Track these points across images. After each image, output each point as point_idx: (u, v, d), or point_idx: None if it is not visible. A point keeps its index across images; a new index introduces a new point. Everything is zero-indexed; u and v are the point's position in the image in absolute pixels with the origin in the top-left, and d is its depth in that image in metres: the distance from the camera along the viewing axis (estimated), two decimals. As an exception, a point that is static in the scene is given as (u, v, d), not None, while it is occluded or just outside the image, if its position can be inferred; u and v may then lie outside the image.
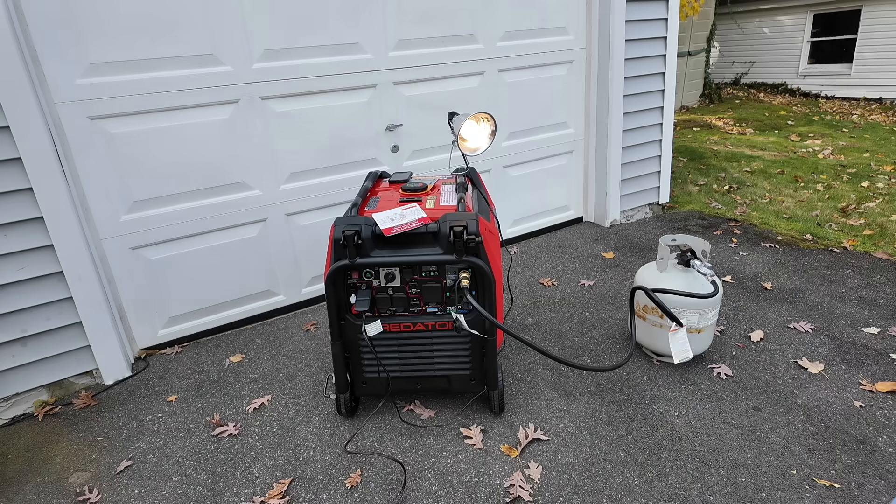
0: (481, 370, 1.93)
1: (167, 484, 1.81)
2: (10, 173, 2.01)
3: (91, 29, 2.13)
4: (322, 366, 2.41)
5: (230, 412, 2.14)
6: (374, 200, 2.01)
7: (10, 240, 2.06)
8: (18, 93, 1.97)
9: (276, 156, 2.65)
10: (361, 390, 1.99)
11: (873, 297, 2.67)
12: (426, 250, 1.77)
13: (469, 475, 1.76)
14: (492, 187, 3.39)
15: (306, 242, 2.86)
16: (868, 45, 9.24)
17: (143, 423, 2.11)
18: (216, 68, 2.41)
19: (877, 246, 3.25)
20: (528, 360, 2.34)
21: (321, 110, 2.71)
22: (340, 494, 1.71)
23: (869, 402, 1.96)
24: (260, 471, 1.83)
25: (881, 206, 3.96)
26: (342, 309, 1.84)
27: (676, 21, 3.57)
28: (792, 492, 1.61)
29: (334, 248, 1.74)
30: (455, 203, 1.94)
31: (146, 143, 2.34)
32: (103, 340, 2.33)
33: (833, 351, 2.27)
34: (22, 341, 2.19)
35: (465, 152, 2.33)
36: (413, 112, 2.97)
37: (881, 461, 1.70)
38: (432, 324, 1.85)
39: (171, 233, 2.49)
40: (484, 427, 1.96)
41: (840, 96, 9.68)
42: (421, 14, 2.84)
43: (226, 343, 2.66)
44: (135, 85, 2.26)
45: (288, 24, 2.51)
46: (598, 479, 1.71)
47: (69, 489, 1.82)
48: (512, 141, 3.41)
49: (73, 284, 2.20)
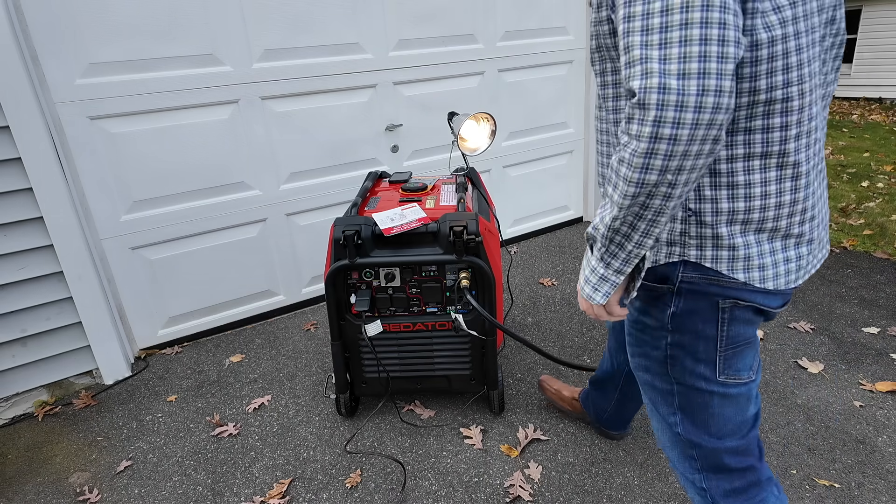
0: (481, 370, 1.93)
1: (167, 484, 1.81)
2: (10, 173, 2.01)
3: (91, 29, 2.13)
4: (322, 366, 2.41)
5: (230, 412, 2.14)
6: (374, 200, 2.01)
7: (10, 240, 2.06)
8: (18, 93, 1.97)
9: (276, 156, 2.65)
10: (361, 390, 1.99)
11: (873, 296, 2.67)
12: (426, 250, 1.77)
13: (469, 475, 1.76)
14: (492, 187, 3.40)
15: (306, 242, 2.86)
16: (868, 45, 9.25)
17: (142, 423, 2.11)
18: (216, 68, 2.41)
19: (877, 246, 3.25)
20: (528, 360, 2.34)
21: (321, 110, 2.71)
22: (340, 494, 1.71)
23: (869, 402, 1.96)
24: (260, 471, 1.83)
25: (881, 205, 3.96)
26: (342, 309, 1.84)
27: (676, 21, 3.57)
28: (792, 491, 1.61)
29: (334, 248, 1.74)
30: (455, 203, 1.94)
31: (146, 144, 2.34)
32: (103, 340, 2.33)
33: (833, 351, 2.27)
34: (22, 341, 2.19)
35: (465, 152, 2.33)
36: (413, 112, 2.97)
37: (881, 461, 1.70)
38: (432, 324, 1.85)
39: (170, 233, 2.49)
40: (484, 427, 1.96)
41: (840, 96, 9.69)
42: (421, 14, 2.84)
43: (226, 343, 2.66)
44: (135, 85, 2.26)
45: (288, 24, 2.51)
46: (598, 479, 1.71)
47: (69, 489, 1.82)
48: (512, 141, 3.41)
49: (73, 284, 2.20)
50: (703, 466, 1.09)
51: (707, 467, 1.08)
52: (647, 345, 1.06)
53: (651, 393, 1.11)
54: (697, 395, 1.03)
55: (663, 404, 1.09)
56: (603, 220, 0.86)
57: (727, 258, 0.91)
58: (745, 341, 0.99)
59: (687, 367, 1.01)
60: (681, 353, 1.01)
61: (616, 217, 0.83)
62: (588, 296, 0.95)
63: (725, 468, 1.07)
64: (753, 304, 0.94)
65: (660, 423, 1.13)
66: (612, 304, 0.96)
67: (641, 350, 1.08)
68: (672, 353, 1.02)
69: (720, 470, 1.08)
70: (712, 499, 1.10)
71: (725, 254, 0.91)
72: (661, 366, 1.05)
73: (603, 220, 0.86)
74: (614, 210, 0.83)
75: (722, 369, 1.00)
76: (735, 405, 1.03)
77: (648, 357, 1.07)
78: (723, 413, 1.03)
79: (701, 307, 0.96)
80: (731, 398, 1.02)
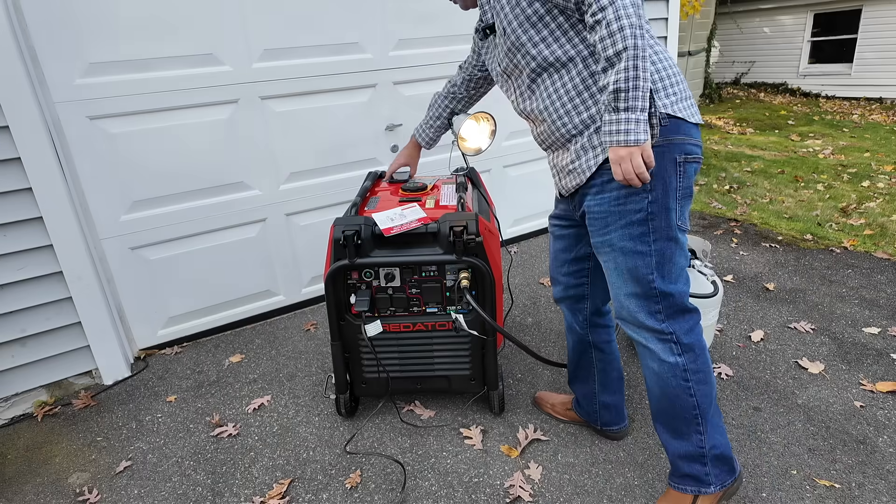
0: (481, 370, 1.93)
1: (167, 484, 1.81)
2: (10, 173, 2.01)
3: (91, 29, 2.13)
4: (322, 366, 2.41)
5: (230, 412, 2.14)
6: (374, 200, 2.01)
7: (10, 240, 2.06)
8: (18, 93, 1.97)
9: (276, 156, 2.65)
10: (361, 390, 1.99)
11: (874, 297, 2.67)
12: (426, 250, 1.77)
13: (469, 475, 1.75)
14: (492, 187, 3.39)
15: (306, 242, 2.86)
16: (868, 44, 9.24)
17: (142, 424, 2.11)
18: (216, 68, 2.40)
19: (877, 246, 3.25)
20: (528, 360, 2.34)
21: (321, 110, 2.70)
22: (340, 495, 1.71)
23: (869, 402, 1.96)
24: (259, 471, 1.83)
25: (881, 205, 3.95)
26: (342, 309, 1.84)
27: (677, 20, 3.57)
28: (792, 492, 1.61)
29: (334, 248, 1.73)
30: (455, 203, 1.93)
31: (145, 143, 2.34)
32: (103, 340, 2.33)
33: (833, 351, 2.27)
34: (21, 341, 2.18)
35: (465, 152, 2.32)
36: (413, 112, 2.97)
37: (881, 461, 1.70)
38: (432, 324, 1.85)
39: (170, 233, 2.49)
40: (484, 427, 1.96)
41: (840, 96, 9.68)
42: (421, 13, 2.84)
43: (225, 343, 2.66)
44: (134, 85, 2.26)
45: (287, 24, 2.51)
46: (598, 480, 1.71)
47: (69, 489, 1.81)
48: (512, 141, 3.41)
49: (73, 284, 2.20)
50: (667, 315, 1.35)
51: (671, 314, 1.35)
52: (630, 212, 1.30)
53: (631, 260, 1.33)
54: (667, 247, 1.31)
55: (643, 266, 1.32)
56: (621, 71, 1.12)
57: (669, 105, 1.26)
58: (689, 192, 1.32)
59: (663, 219, 1.29)
60: (657, 207, 1.28)
61: (631, 57, 1.11)
62: (628, 141, 1.16)
63: (686, 309, 1.36)
64: (695, 157, 1.30)
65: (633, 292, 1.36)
66: (647, 145, 1.18)
67: (624, 221, 1.31)
68: (652, 209, 1.28)
69: (683, 312, 1.36)
70: (677, 339, 1.36)
71: (666, 101, 1.26)
72: (643, 226, 1.30)
73: (619, 71, 1.13)
74: (628, 54, 1.11)
75: (680, 216, 1.31)
76: (683, 252, 1.34)
77: (632, 224, 1.30)
78: (679, 261, 1.33)
79: (667, 164, 1.27)
80: (682, 245, 1.33)
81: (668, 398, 1.41)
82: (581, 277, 1.63)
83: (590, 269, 1.62)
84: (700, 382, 1.38)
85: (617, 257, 1.36)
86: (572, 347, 1.76)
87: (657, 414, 1.48)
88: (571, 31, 1.29)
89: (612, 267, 1.39)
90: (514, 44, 1.35)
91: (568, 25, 1.28)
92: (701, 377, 1.38)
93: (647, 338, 1.39)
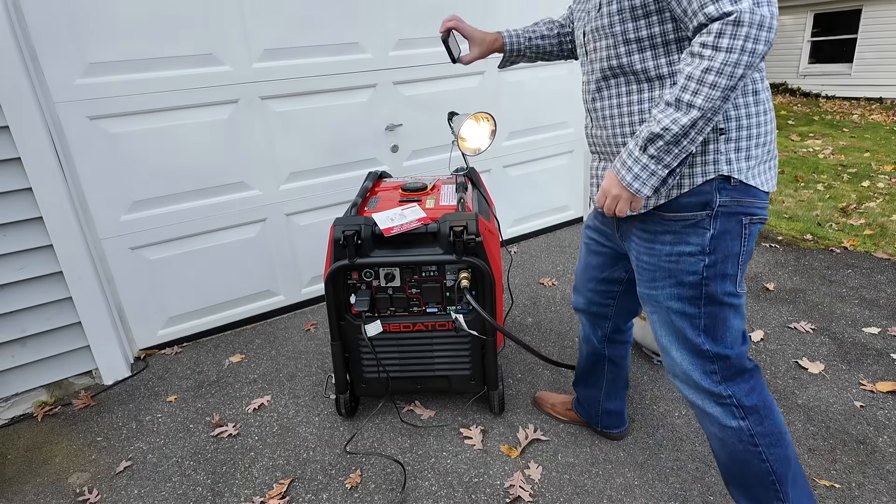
0: (481, 370, 1.93)
1: (167, 484, 1.81)
2: (10, 173, 2.01)
3: (90, 29, 2.13)
4: (322, 366, 2.41)
5: (230, 412, 2.14)
6: (374, 200, 2.01)
7: (10, 240, 2.06)
8: (18, 93, 1.97)
9: (276, 156, 2.65)
10: (361, 391, 1.99)
11: (874, 297, 2.67)
12: (426, 250, 1.77)
13: (469, 475, 1.75)
14: (492, 187, 3.39)
15: (306, 242, 2.86)
16: (868, 44, 9.24)
17: (142, 424, 2.11)
18: (215, 68, 2.40)
19: (877, 246, 3.25)
20: (528, 360, 2.34)
21: (321, 110, 2.70)
22: (340, 495, 1.71)
23: (869, 402, 1.96)
24: (259, 471, 1.83)
25: (882, 205, 3.95)
26: (342, 309, 1.84)
27: (676, 21, 3.57)
28: (792, 492, 1.61)
29: (334, 248, 1.73)
30: (455, 203, 1.93)
31: (145, 143, 2.34)
32: (103, 340, 2.33)
33: (833, 351, 2.27)
34: (21, 341, 2.18)
35: (465, 152, 2.33)
36: (413, 112, 2.97)
37: (882, 461, 1.70)
38: (432, 324, 1.85)
39: (170, 233, 2.49)
40: (484, 427, 1.96)
41: (840, 96, 9.68)
42: (421, 13, 2.84)
43: (225, 343, 2.66)
44: (134, 85, 2.26)
45: (287, 24, 2.51)
46: (598, 480, 1.71)
47: (69, 489, 1.81)
48: (512, 141, 3.41)
49: (73, 284, 2.20)
50: (724, 377, 1.23)
51: (729, 376, 1.23)
52: (683, 273, 1.19)
53: (679, 321, 1.24)
54: (720, 311, 1.20)
55: (690, 328, 1.22)
56: (677, 122, 1.01)
57: (745, 169, 1.12)
58: (751, 254, 1.19)
59: (718, 285, 1.18)
60: (713, 273, 1.17)
61: (696, 120, 0.99)
62: (629, 184, 1.08)
63: (746, 371, 1.24)
64: (761, 217, 1.17)
65: (683, 349, 1.26)
66: (641, 201, 1.12)
67: (674, 280, 1.21)
68: (707, 274, 1.17)
69: (741, 373, 1.23)
70: (738, 402, 1.24)
71: (744, 165, 1.12)
72: (695, 289, 1.19)
73: (677, 121, 1.01)
74: (694, 113, 0.99)
75: (739, 282, 1.19)
76: (741, 315, 1.22)
77: (682, 285, 1.20)
78: (733, 324, 1.22)
79: (732, 226, 1.14)
80: (740, 309, 1.22)
81: (737, 464, 1.29)
82: (608, 298, 1.56)
83: (619, 292, 1.53)
84: (772, 445, 1.24)
85: (663, 315, 1.27)
86: (585, 356, 1.72)
87: (729, 479, 1.35)
88: (675, 44, 1.11)
89: (658, 323, 1.29)
90: (604, 27, 1.17)
91: (673, 37, 1.10)
92: (772, 440, 1.24)
93: (704, 400, 1.27)
